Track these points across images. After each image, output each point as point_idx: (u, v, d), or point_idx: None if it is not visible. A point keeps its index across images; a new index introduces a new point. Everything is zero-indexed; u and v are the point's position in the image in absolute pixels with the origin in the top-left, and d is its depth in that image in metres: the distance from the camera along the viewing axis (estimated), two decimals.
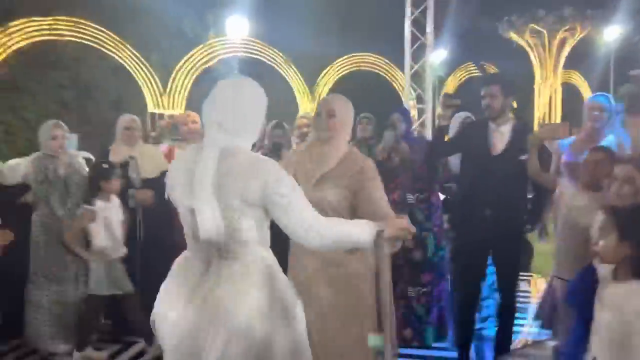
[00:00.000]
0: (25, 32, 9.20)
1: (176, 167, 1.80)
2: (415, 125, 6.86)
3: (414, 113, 9.36)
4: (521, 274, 3.61)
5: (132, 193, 3.48)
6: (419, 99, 7.95)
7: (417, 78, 8.07)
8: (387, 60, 13.32)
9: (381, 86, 13.35)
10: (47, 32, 9.51)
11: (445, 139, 3.42)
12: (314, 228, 1.62)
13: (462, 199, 3.26)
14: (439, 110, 3.70)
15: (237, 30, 11.23)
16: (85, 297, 3.29)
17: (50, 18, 9.54)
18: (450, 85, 15.71)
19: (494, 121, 3.06)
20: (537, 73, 13.83)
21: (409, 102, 7.70)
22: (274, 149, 3.64)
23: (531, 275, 5.04)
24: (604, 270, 1.89)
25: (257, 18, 11.77)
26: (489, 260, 3.15)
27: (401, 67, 9.57)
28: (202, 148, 1.72)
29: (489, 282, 3.50)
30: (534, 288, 4.85)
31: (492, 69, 14.25)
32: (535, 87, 14.04)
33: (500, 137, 3.04)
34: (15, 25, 9.14)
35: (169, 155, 4.12)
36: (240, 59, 11.79)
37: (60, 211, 3.55)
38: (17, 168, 3.67)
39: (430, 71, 7.75)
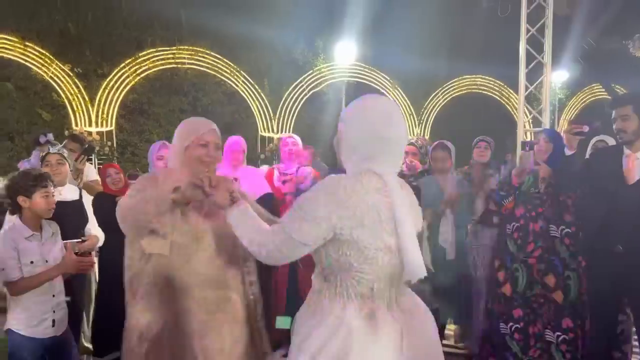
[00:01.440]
0: (152, 60, 10.06)
1: (355, 203, 1.54)
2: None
3: (529, 138, 8.80)
4: None
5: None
6: (535, 122, 7.45)
7: (532, 100, 7.59)
8: (499, 82, 12.74)
9: (493, 109, 12.78)
10: (171, 60, 10.32)
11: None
12: None
13: (590, 234, 2.92)
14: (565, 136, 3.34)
15: (345, 56, 11.38)
16: None
17: (174, 48, 10.35)
18: (572, 109, 14.63)
19: (628, 146, 2.73)
20: None
21: (523, 125, 7.23)
22: None
23: None
24: None
25: (365, 43, 11.86)
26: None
27: (515, 89, 9.09)
28: (380, 178, 1.58)
29: None
30: None
31: (621, 91, 13.07)
32: None
33: (636, 164, 2.70)
34: (144, 55, 10.03)
35: (269, 177, 4.18)
36: (348, 83, 11.92)
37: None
38: None
39: (548, 93, 7.24)
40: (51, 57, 9.34)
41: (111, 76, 9.77)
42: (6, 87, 9.60)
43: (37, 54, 9.27)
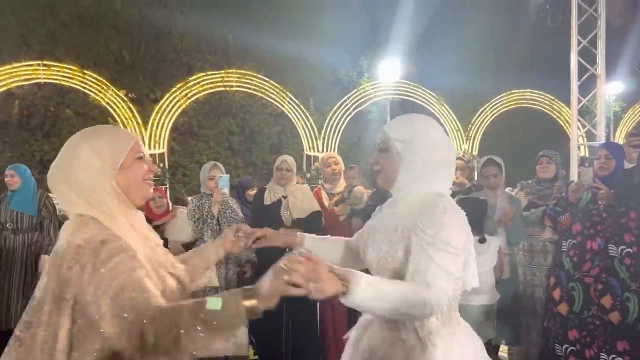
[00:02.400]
0: (202, 84, 10.38)
1: (464, 218, 1.67)
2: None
3: (582, 152, 8.50)
4: None
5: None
6: (589, 136, 7.19)
7: (586, 113, 7.33)
8: (549, 96, 12.40)
9: (544, 124, 12.42)
10: (220, 84, 10.62)
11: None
12: None
13: None
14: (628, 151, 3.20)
15: (389, 74, 11.39)
16: None
17: (223, 72, 10.66)
18: (629, 122, 14.03)
19: None
20: None
21: (577, 139, 6.99)
22: None
23: None
24: None
25: (410, 60, 11.84)
26: None
27: (567, 102, 8.82)
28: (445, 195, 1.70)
29: None
30: None
31: None
32: None
33: None
34: (194, 80, 10.37)
35: (318, 197, 4.20)
36: (393, 101, 11.90)
37: None
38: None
39: (603, 106, 6.99)
40: (107, 84, 9.79)
41: (163, 100, 10.14)
42: (67, 114, 10.13)
43: (94, 81, 9.74)
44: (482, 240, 3.45)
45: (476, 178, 5.19)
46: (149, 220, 3.92)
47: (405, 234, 1.62)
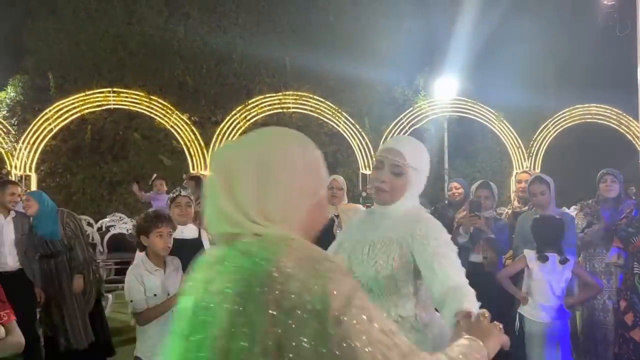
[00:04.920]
0: (260, 107, 10.66)
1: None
2: None
3: None
4: None
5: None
6: None
7: None
8: (616, 110, 11.86)
9: (611, 139, 11.88)
10: (278, 105, 10.87)
11: None
12: None
13: None
14: None
15: (445, 91, 11.28)
16: None
17: (280, 94, 10.92)
18: None
19: None
20: None
21: None
22: (473, 207, 3.50)
23: None
24: None
25: (467, 77, 11.69)
26: None
27: (636, 116, 8.43)
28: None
29: None
30: None
31: None
32: None
33: None
34: (253, 102, 10.67)
35: None
36: (450, 118, 11.76)
37: None
38: None
39: None
40: (172, 108, 10.25)
41: (223, 123, 10.48)
42: (134, 137, 10.67)
43: (160, 105, 10.22)
44: (564, 261, 3.33)
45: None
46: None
47: (402, 244, 1.77)
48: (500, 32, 11.77)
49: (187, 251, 3.19)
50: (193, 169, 10.03)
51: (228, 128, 10.47)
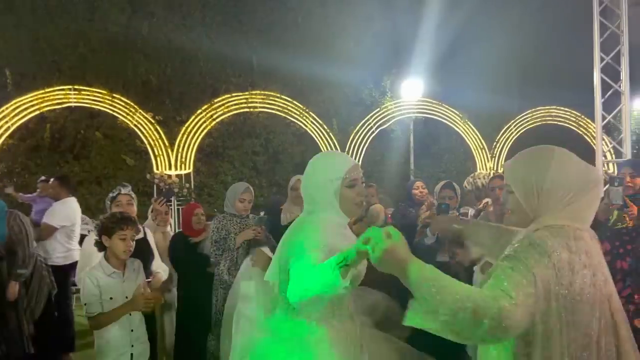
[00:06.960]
0: (226, 106, 10.54)
1: None
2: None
3: (610, 169, 8.34)
4: None
5: None
6: (617, 153, 7.08)
7: (613, 130, 7.22)
8: (575, 112, 12.23)
9: (571, 140, 12.23)
10: (244, 105, 10.77)
11: None
12: None
13: None
14: None
15: (412, 92, 11.40)
16: None
17: (247, 93, 10.82)
18: None
19: None
20: None
21: (603, 156, 6.88)
22: (441, 212, 3.50)
23: None
24: None
25: (433, 79, 11.85)
26: None
27: (594, 119, 8.69)
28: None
29: None
30: None
31: None
32: None
33: None
34: (219, 101, 10.55)
35: None
36: (416, 119, 11.90)
37: (225, 276, 3.73)
38: None
39: (628, 122, 6.88)
40: (135, 106, 10.03)
41: (189, 122, 10.31)
42: (96, 136, 10.41)
43: (122, 104, 9.99)
44: None
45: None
46: (186, 238, 3.98)
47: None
48: (466, 34, 11.99)
49: (134, 252, 3.13)
50: (157, 169, 9.84)
51: (193, 127, 10.32)
